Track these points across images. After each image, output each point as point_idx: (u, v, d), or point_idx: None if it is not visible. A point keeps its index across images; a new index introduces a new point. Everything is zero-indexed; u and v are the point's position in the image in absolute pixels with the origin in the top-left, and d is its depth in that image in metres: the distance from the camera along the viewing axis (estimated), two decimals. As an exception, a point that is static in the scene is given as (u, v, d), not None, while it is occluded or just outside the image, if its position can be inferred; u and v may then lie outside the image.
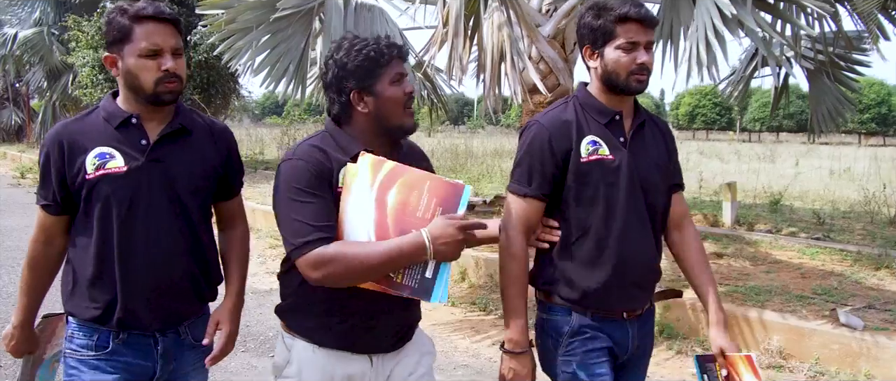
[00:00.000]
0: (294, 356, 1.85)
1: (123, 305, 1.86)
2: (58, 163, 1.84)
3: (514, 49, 3.99)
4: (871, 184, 9.74)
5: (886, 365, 3.84)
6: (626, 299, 2.02)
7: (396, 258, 1.70)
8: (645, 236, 2.01)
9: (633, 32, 1.89)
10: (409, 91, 1.82)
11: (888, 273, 5.29)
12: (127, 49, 1.80)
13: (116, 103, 1.90)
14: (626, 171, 1.95)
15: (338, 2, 4.60)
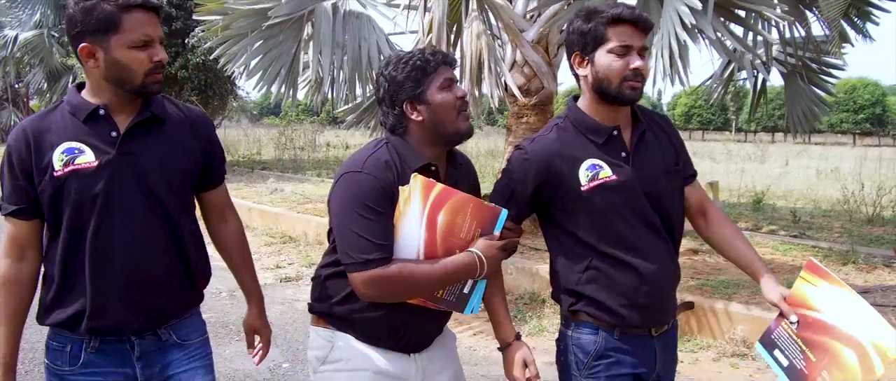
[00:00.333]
0: (338, 346, 1.90)
1: (94, 305, 1.74)
2: (26, 160, 1.71)
3: (492, 57, 4.24)
4: (855, 184, 9.98)
5: (841, 353, 4.08)
6: (655, 312, 1.93)
7: (452, 278, 1.80)
8: (661, 247, 1.91)
9: (627, 36, 1.78)
10: (460, 95, 1.83)
11: (853, 268, 5.54)
12: (114, 40, 1.67)
13: (82, 96, 1.78)
14: (633, 188, 1.86)
15: (327, 10, 4.85)
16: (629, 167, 1.86)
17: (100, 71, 1.71)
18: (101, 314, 1.75)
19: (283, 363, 4.14)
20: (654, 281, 1.87)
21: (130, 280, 1.77)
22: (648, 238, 1.87)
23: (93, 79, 1.75)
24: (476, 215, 1.83)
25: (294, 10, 4.76)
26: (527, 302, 5.35)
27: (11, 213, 1.73)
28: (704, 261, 5.92)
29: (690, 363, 4.33)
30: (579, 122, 1.90)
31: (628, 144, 1.88)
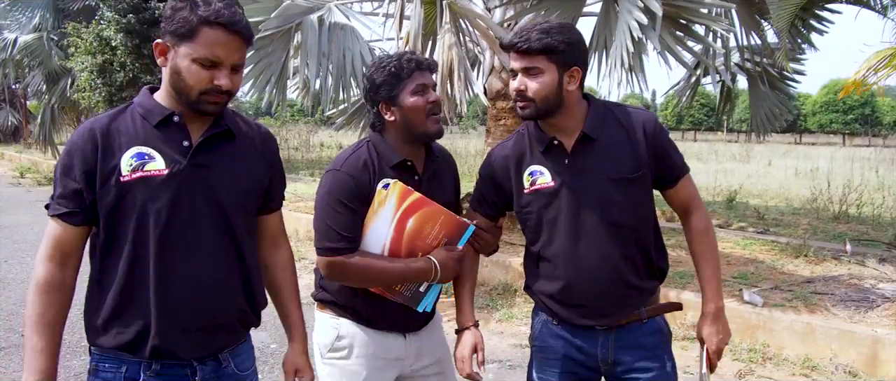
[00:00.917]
0: (344, 333, 2.07)
1: (159, 334, 1.63)
2: (89, 161, 1.59)
3: (462, 66, 4.64)
4: (832, 183, 10.32)
5: (778, 335, 4.50)
6: (588, 314, 2.02)
7: (408, 278, 2.00)
8: (605, 257, 1.97)
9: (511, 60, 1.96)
10: (432, 100, 1.97)
11: (805, 261, 5.95)
12: (184, 48, 1.59)
13: (155, 99, 1.68)
14: (566, 197, 1.97)
15: (313, 22, 5.24)
16: (567, 175, 1.97)
17: (166, 72, 1.64)
18: (166, 337, 1.64)
19: (271, 344, 4.55)
20: (578, 286, 1.99)
21: (198, 301, 1.67)
22: (583, 245, 1.96)
23: (164, 80, 1.67)
24: (445, 226, 2.02)
25: (283, 23, 5.17)
26: (500, 292, 5.76)
27: (61, 215, 1.61)
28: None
29: (645, 346, 4.73)
30: (531, 131, 2.04)
31: (570, 150, 1.97)
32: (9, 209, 10.67)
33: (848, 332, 4.27)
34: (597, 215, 1.95)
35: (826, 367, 4.21)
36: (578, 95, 2.00)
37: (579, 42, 1.96)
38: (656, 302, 2.09)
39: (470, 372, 2.04)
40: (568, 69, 1.92)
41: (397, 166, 2.01)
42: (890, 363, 4.09)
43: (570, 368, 2.06)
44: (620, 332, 2.02)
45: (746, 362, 4.37)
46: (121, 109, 1.68)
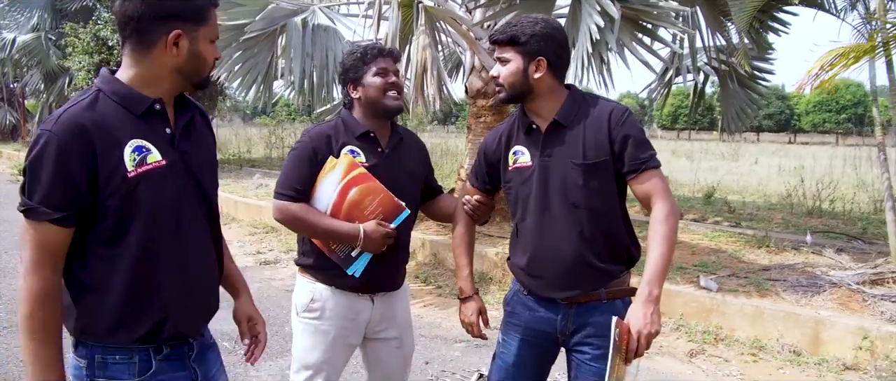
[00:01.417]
0: (318, 296, 2.36)
1: (177, 320, 1.66)
2: (85, 159, 1.50)
3: (435, 65, 4.95)
4: (813, 180, 10.57)
5: (730, 318, 4.81)
6: (549, 287, 2.18)
7: (332, 236, 2.28)
8: (562, 233, 2.11)
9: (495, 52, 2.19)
10: (391, 81, 2.31)
11: (765, 251, 6.25)
12: (202, 32, 1.61)
13: (128, 86, 1.60)
14: (537, 176, 2.15)
15: (297, 24, 5.55)
16: (538, 158, 2.15)
17: (175, 60, 1.60)
18: (182, 321, 1.68)
19: (254, 326, 4.85)
20: (540, 260, 2.16)
21: (203, 282, 1.74)
22: (549, 224, 2.13)
23: (158, 68, 1.61)
24: (382, 204, 2.29)
25: (267, 25, 5.47)
26: (476, 280, 6.05)
27: (54, 220, 1.49)
28: (638, 245, 6.63)
29: (607, 329, 5.04)
30: (518, 115, 2.25)
31: (543, 135, 2.15)
32: (8, 204, 10.95)
33: (793, 314, 4.57)
34: (560, 195, 2.11)
35: (773, 347, 4.51)
36: (553, 84, 2.16)
37: (545, 35, 2.11)
38: (620, 286, 2.19)
39: (477, 333, 2.34)
40: (533, 58, 2.09)
41: (361, 137, 2.34)
42: (831, 343, 4.39)
43: (530, 336, 2.25)
44: (579, 308, 2.16)
45: (699, 342, 4.67)
46: (89, 97, 1.57)
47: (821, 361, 4.31)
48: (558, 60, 2.16)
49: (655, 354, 4.54)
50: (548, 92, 2.16)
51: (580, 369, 2.19)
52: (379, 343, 2.47)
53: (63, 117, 1.51)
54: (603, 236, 2.12)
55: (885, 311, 4.50)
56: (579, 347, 2.18)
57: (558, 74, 2.19)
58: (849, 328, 4.35)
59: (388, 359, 2.49)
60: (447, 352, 4.47)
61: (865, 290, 4.85)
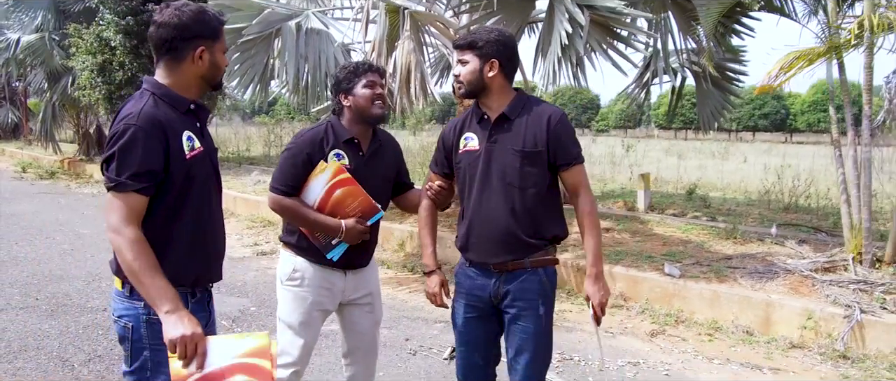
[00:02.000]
0: (299, 267, 2.76)
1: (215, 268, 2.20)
2: (162, 145, 1.98)
3: (418, 69, 5.33)
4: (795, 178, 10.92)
5: (691, 302, 5.20)
6: (483, 253, 2.56)
7: (319, 227, 2.68)
8: (497, 207, 2.51)
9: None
10: (377, 92, 2.70)
11: (731, 242, 6.63)
12: (217, 46, 2.11)
13: (174, 91, 2.09)
14: (483, 159, 2.53)
15: (291, 28, 5.93)
16: (486, 143, 2.52)
17: (199, 69, 2.09)
18: (216, 269, 2.22)
19: (251, 307, 5.26)
20: (476, 229, 2.56)
21: (221, 242, 2.24)
22: (487, 199, 2.52)
23: (188, 76, 2.10)
24: (362, 205, 2.71)
25: (263, 29, 5.86)
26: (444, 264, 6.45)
27: (138, 190, 1.94)
28: (613, 237, 7.02)
29: (578, 312, 5.43)
30: (473, 107, 2.63)
31: (491, 125, 2.53)
32: (15, 200, 11.35)
33: (747, 298, 4.97)
34: (499, 175, 2.51)
35: (729, 328, 4.90)
36: (504, 83, 2.55)
37: (498, 41, 2.52)
38: (544, 257, 2.57)
39: (440, 303, 2.72)
40: (487, 60, 2.50)
41: (347, 142, 2.72)
42: (780, 324, 4.79)
43: (472, 301, 2.64)
44: (508, 275, 2.55)
45: (661, 324, 5.07)
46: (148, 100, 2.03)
47: (770, 340, 4.69)
48: (509, 63, 2.57)
49: (619, 334, 4.93)
50: (499, 90, 2.55)
51: (509, 326, 2.59)
52: (354, 307, 2.87)
53: (142, 114, 1.98)
54: (531, 214, 2.52)
55: (831, 294, 4.89)
56: (509, 308, 2.57)
57: (508, 75, 2.58)
58: (795, 310, 4.74)
59: (361, 321, 2.88)
60: (427, 331, 4.86)
61: (816, 276, 5.24)
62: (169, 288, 1.95)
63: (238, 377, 1.98)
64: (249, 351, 2.01)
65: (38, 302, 5.34)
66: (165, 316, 1.93)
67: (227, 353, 2.00)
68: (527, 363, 2.57)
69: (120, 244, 1.94)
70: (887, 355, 4.30)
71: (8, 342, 4.43)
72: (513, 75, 2.63)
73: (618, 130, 55.81)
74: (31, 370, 3.98)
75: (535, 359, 2.57)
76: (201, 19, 2.07)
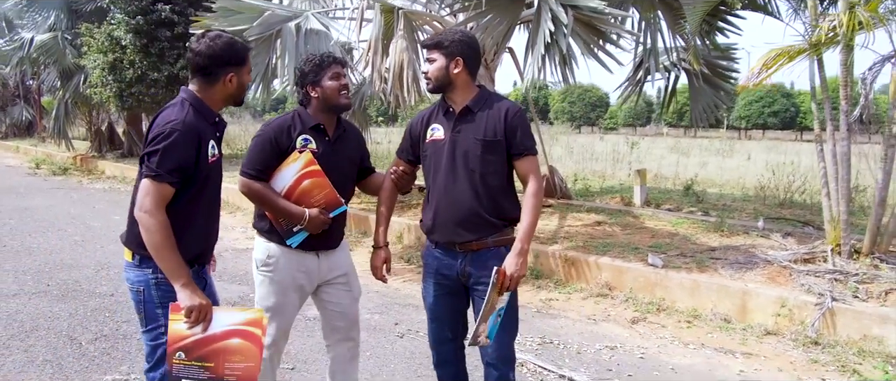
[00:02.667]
0: (272, 253, 2.90)
1: (206, 248, 2.58)
2: (195, 148, 2.38)
3: (411, 66, 5.56)
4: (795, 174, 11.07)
5: (672, 290, 5.41)
6: (448, 233, 2.79)
7: (283, 213, 2.83)
8: (461, 191, 2.74)
9: None
10: (343, 83, 2.88)
11: (718, 235, 6.81)
12: (244, 69, 2.52)
13: (206, 103, 2.48)
14: (448, 147, 2.77)
15: (291, 29, 6.18)
16: (451, 133, 2.77)
17: (228, 90, 2.51)
18: (208, 249, 2.63)
19: (250, 294, 5.52)
20: (442, 211, 2.79)
21: (216, 228, 2.65)
22: (452, 184, 2.74)
23: (218, 94, 2.51)
24: (327, 197, 2.86)
25: (264, 30, 6.11)
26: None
27: (171, 182, 2.34)
28: (604, 230, 7.22)
29: (564, 300, 5.66)
30: (441, 101, 2.87)
31: (456, 117, 2.77)
32: (29, 195, 11.70)
33: (724, 286, 5.17)
34: (462, 162, 2.74)
35: (707, 316, 5.10)
36: (467, 80, 2.78)
37: (462, 41, 2.76)
38: (504, 236, 2.81)
39: (380, 276, 2.97)
40: (453, 58, 2.73)
41: (313, 128, 2.90)
42: (756, 311, 4.98)
43: (440, 279, 2.88)
44: (473, 254, 2.78)
45: (642, 312, 5.28)
46: (189, 110, 2.43)
47: (746, 327, 4.89)
48: (472, 62, 2.80)
49: (602, 321, 5.14)
50: (463, 85, 2.79)
51: (477, 301, 2.80)
52: (330, 286, 3.06)
53: (185, 122, 2.38)
54: (491, 197, 2.76)
55: (806, 284, 5.08)
56: (475, 285, 2.81)
57: (472, 72, 2.81)
58: (771, 299, 4.94)
59: (340, 299, 3.08)
60: (416, 317, 5.10)
61: (794, 266, 5.43)
62: (184, 265, 2.35)
63: (234, 339, 2.38)
64: (245, 321, 2.41)
65: (49, 288, 5.64)
66: (181, 288, 2.34)
67: (226, 321, 2.40)
68: (498, 338, 2.77)
69: (151, 225, 2.32)
70: (856, 341, 4.49)
71: (21, 323, 4.72)
72: (476, 72, 2.86)
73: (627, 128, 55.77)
74: (41, 348, 4.25)
75: (503, 330, 2.77)
76: (231, 50, 2.45)
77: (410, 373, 3.98)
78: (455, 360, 3.03)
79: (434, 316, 2.96)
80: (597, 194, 10.42)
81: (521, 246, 2.68)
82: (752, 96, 51.85)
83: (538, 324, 4.99)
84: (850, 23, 4.83)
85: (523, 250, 2.69)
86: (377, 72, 5.82)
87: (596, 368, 4.18)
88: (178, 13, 12.70)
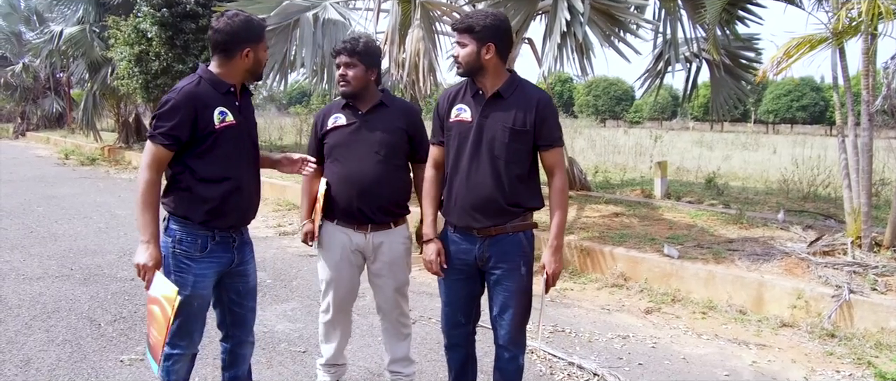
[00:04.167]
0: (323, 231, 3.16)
1: (227, 217, 2.64)
2: (192, 115, 2.51)
3: (427, 55, 5.59)
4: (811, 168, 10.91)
5: (687, 281, 5.37)
6: (467, 218, 2.75)
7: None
8: (483, 176, 2.70)
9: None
10: (341, 73, 3.04)
11: (737, 227, 6.75)
12: (260, 45, 2.65)
13: (217, 75, 2.61)
14: (474, 131, 2.71)
15: (309, 19, 6.24)
16: (479, 116, 2.72)
17: (246, 64, 2.64)
18: (229, 218, 2.66)
19: (267, 279, 5.61)
20: (462, 196, 2.75)
21: (245, 196, 2.70)
22: (475, 168, 2.71)
23: (234, 68, 2.63)
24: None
25: (282, 20, 6.18)
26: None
27: (164, 144, 2.51)
28: (621, 222, 7.19)
29: (580, 291, 5.65)
30: (469, 82, 2.82)
31: (486, 100, 2.73)
32: (57, 184, 11.96)
33: (740, 277, 5.13)
34: (487, 148, 2.70)
35: (722, 307, 5.07)
36: (499, 65, 2.72)
37: (494, 26, 2.67)
38: (523, 222, 2.80)
39: (436, 270, 2.89)
40: (484, 44, 2.66)
41: (344, 106, 3.15)
42: (772, 303, 4.94)
43: (458, 264, 2.85)
44: (492, 239, 2.76)
45: (657, 302, 5.25)
46: (194, 80, 2.61)
47: (762, 318, 4.85)
48: (504, 47, 2.72)
49: (616, 311, 5.13)
50: (494, 70, 2.73)
51: (494, 286, 2.82)
52: (371, 270, 3.23)
53: (182, 91, 2.55)
54: (513, 186, 2.73)
55: (823, 275, 5.02)
56: (493, 270, 2.80)
57: (503, 57, 2.74)
58: (787, 290, 4.89)
59: (380, 284, 3.24)
60: (429, 304, 5.13)
61: (812, 258, 5.37)
62: (152, 225, 2.48)
63: (155, 306, 2.51)
64: (164, 295, 2.48)
65: (72, 272, 5.78)
66: (140, 244, 2.49)
67: (158, 289, 2.50)
68: (511, 319, 2.81)
69: (139, 179, 2.51)
70: (874, 333, 4.43)
71: (43, 305, 4.85)
72: (506, 56, 2.78)
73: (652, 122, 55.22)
74: (62, 328, 4.37)
75: (517, 314, 2.81)
76: (248, 27, 2.60)
77: (421, 358, 4.02)
78: (465, 344, 3.04)
79: (448, 300, 2.96)
80: (617, 186, 10.37)
81: (556, 243, 2.72)
82: (781, 90, 51.07)
83: (551, 313, 5.00)
84: (871, 11, 4.74)
85: (558, 247, 2.72)
86: (394, 61, 5.86)
87: (606, 356, 4.18)
88: (203, 6, 12.84)
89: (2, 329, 4.34)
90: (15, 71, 24.71)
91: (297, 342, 4.30)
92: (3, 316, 4.60)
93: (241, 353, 2.95)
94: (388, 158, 3.10)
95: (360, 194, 3.06)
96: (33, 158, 17.46)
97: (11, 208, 9.09)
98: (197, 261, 2.62)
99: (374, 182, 3.06)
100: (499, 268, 2.77)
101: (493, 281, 2.81)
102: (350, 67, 3.04)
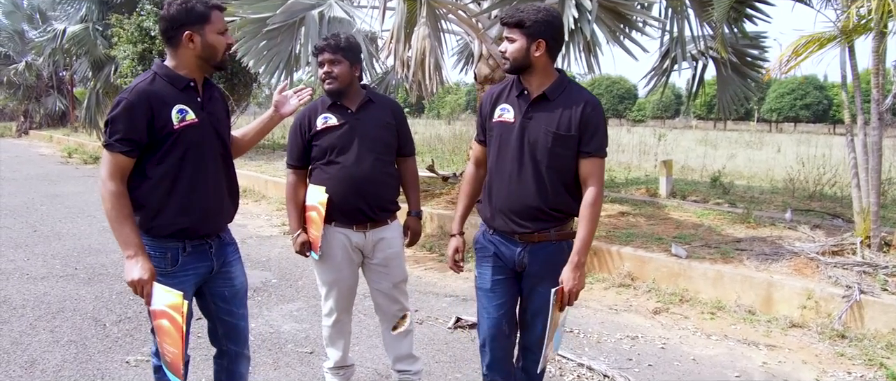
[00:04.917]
0: (325, 233, 3.10)
1: (194, 223, 2.41)
2: (148, 116, 2.28)
3: (432, 54, 5.55)
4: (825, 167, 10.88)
5: (695, 281, 5.33)
6: (508, 222, 2.63)
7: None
8: (525, 181, 2.58)
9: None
10: (325, 71, 2.98)
11: (744, 226, 6.71)
12: (207, 28, 2.35)
13: (173, 70, 2.39)
14: (517, 133, 2.57)
15: (314, 17, 6.19)
16: (522, 117, 2.57)
17: (194, 51, 2.37)
18: (200, 226, 2.44)
19: (272, 279, 5.58)
20: (504, 200, 2.63)
21: (214, 200, 2.48)
22: (516, 171, 2.59)
23: (185, 58, 2.39)
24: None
25: (287, 18, 6.14)
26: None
27: (124, 151, 2.27)
28: (628, 221, 7.14)
29: (586, 291, 5.61)
30: (514, 80, 2.66)
31: (531, 101, 2.57)
32: (61, 182, 11.95)
33: (748, 277, 5.08)
34: (530, 151, 2.56)
35: (731, 307, 5.02)
36: (548, 63, 2.56)
37: (546, 21, 2.50)
38: (566, 230, 2.67)
39: (451, 265, 2.88)
40: (534, 40, 2.49)
41: (331, 106, 3.07)
42: (781, 303, 4.90)
43: (498, 263, 2.71)
44: (534, 246, 2.64)
45: (665, 302, 5.21)
46: (148, 77, 2.37)
47: (771, 319, 4.81)
48: (555, 45, 2.57)
49: (623, 311, 5.09)
50: (542, 69, 2.57)
51: (531, 291, 2.70)
52: (370, 267, 3.23)
53: (134, 90, 2.32)
54: (556, 192, 2.60)
55: (833, 276, 4.98)
56: (533, 275, 2.67)
57: (553, 55, 2.60)
58: (796, 290, 4.85)
59: (379, 281, 3.23)
60: (436, 304, 5.10)
61: (821, 258, 5.32)
62: (133, 236, 2.27)
63: (163, 320, 2.32)
64: (169, 304, 2.30)
65: (76, 271, 5.76)
66: (126, 260, 2.28)
67: (161, 300, 2.31)
68: (543, 323, 2.66)
69: (103, 193, 2.29)
70: (885, 334, 4.39)
71: (48, 305, 4.84)
72: (557, 55, 2.65)
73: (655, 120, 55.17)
74: (67, 329, 4.35)
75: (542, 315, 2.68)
76: (187, 9, 2.33)
77: (428, 358, 3.99)
78: (508, 358, 2.85)
79: (490, 303, 2.75)
80: (622, 184, 10.33)
81: (578, 259, 2.53)
82: (784, 89, 50.94)
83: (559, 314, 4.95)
84: (881, 9, 4.69)
85: (581, 263, 2.53)
86: (400, 60, 5.82)
87: (615, 357, 4.14)
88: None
89: (6, 330, 4.32)
90: (18, 69, 24.72)
91: (303, 342, 4.27)
92: (8, 316, 4.58)
93: (237, 370, 2.76)
94: (383, 156, 3.11)
95: (362, 194, 3.05)
96: (36, 156, 17.46)
97: (15, 207, 9.08)
98: (169, 277, 2.39)
99: (374, 181, 3.07)
100: (539, 274, 2.66)
101: (531, 285, 2.70)
102: (335, 64, 2.99)
